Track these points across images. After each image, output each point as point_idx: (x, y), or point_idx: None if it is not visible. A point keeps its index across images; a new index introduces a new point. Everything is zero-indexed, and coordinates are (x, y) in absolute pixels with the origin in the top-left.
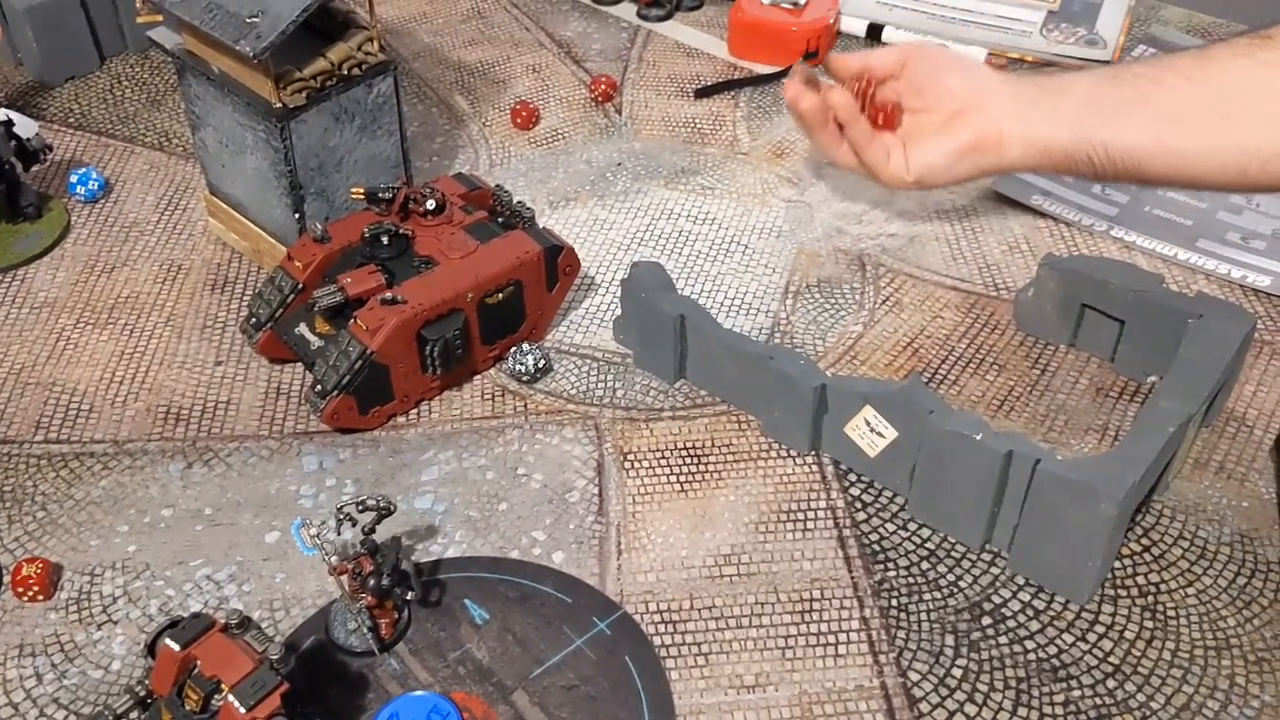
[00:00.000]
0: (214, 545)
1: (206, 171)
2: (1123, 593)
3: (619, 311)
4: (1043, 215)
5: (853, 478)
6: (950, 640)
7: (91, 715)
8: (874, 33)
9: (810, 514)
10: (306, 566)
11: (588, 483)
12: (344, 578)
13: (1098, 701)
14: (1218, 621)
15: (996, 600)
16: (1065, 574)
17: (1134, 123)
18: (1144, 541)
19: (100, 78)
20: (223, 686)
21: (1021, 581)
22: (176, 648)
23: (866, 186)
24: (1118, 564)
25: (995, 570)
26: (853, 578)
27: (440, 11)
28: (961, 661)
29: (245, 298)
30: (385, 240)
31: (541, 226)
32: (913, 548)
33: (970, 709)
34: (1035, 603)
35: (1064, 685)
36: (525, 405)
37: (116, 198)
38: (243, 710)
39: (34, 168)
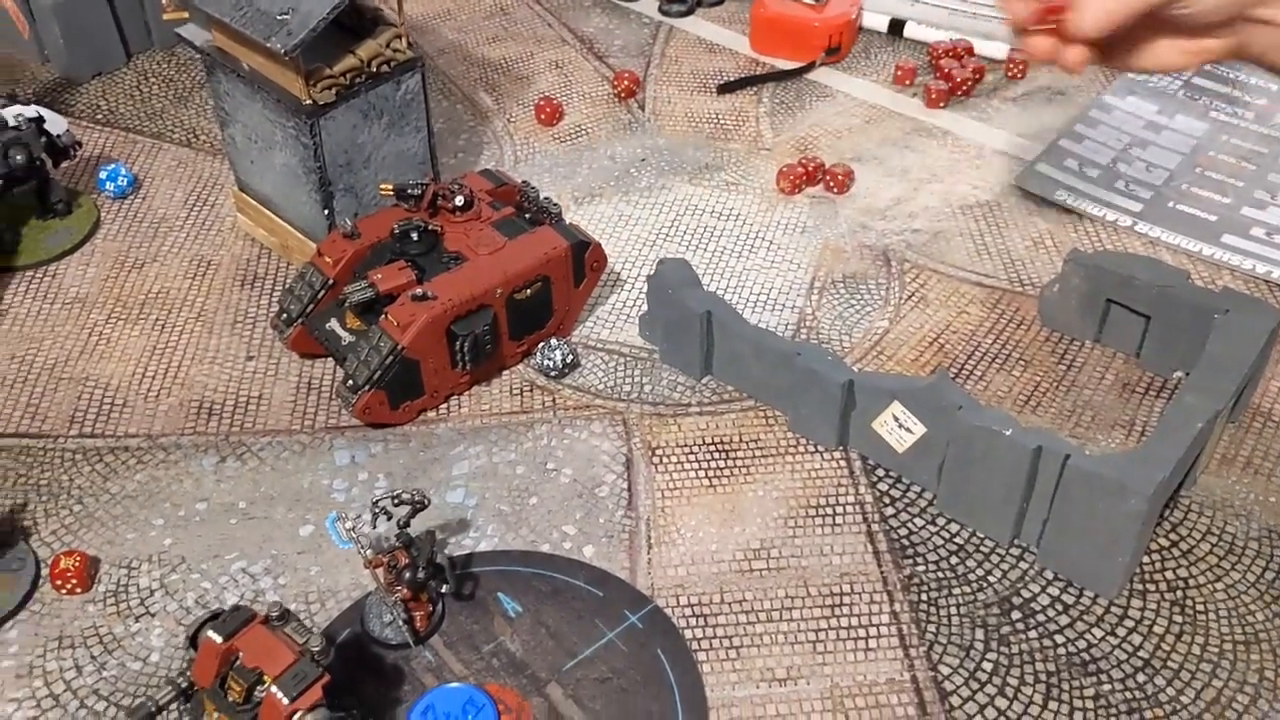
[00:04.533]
0: (248, 539)
1: (235, 168)
2: (1151, 587)
3: (645, 307)
4: (1067, 211)
5: (881, 473)
6: (980, 634)
7: (134, 706)
8: (896, 28)
9: (839, 509)
10: (340, 560)
11: (617, 477)
12: (380, 571)
13: (1127, 695)
14: (1246, 616)
15: (1026, 595)
16: (1094, 569)
17: None
18: (1172, 536)
19: (127, 74)
20: (265, 678)
21: (1050, 576)
22: (219, 640)
23: (890, 182)
24: (1146, 559)
25: (1024, 565)
26: (882, 572)
27: (464, 8)
28: (992, 655)
29: (274, 293)
30: (415, 236)
31: (568, 222)
32: (942, 543)
33: (1001, 702)
34: (1064, 597)
35: (1094, 679)
36: (553, 400)
37: (145, 194)
38: (286, 701)
39: (63, 164)
